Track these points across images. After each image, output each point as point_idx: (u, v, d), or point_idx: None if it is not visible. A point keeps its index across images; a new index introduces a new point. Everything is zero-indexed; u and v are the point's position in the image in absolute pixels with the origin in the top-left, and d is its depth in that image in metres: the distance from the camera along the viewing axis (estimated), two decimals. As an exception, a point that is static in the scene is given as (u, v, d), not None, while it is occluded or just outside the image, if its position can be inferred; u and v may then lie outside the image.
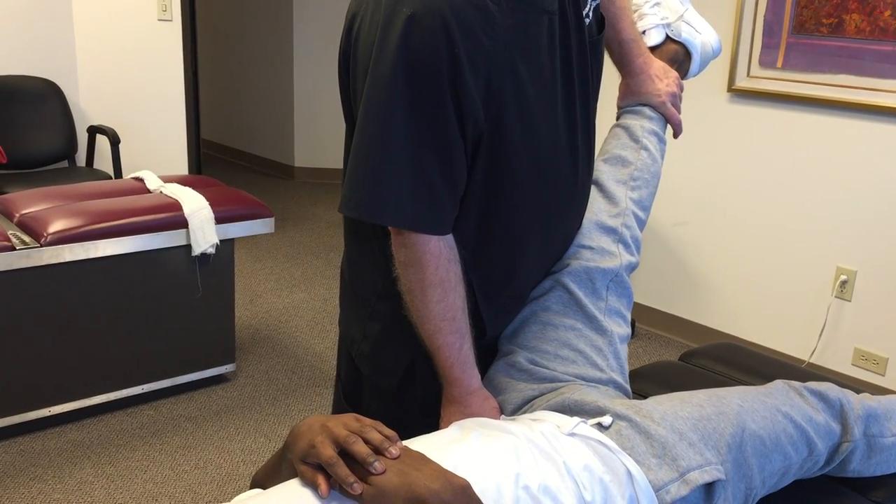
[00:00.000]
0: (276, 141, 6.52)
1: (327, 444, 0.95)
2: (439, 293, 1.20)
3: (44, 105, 4.01)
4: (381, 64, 1.12)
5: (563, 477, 1.05)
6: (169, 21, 4.27)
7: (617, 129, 1.56)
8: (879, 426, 1.39)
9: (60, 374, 2.65)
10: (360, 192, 1.16)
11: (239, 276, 4.26)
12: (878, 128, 2.94)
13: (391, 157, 1.13)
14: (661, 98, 1.56)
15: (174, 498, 2.39)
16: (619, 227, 1.43)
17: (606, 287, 1.37)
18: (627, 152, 1.51)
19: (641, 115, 1.56)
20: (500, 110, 1.18)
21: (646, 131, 1.53)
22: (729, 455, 1.16)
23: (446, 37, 1.09)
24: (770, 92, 3.19)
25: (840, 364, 3.15)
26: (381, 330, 1.34)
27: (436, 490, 0.92)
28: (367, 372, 1.39)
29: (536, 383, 1.29)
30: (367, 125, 1.15)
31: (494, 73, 1.15)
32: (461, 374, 1.25)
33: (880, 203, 2.97)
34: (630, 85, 1.57)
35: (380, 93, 1.12)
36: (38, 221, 2.56)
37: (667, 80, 1.57)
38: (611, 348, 1.34)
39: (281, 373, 3.21)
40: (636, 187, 1.48)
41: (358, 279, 1.38)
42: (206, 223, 2.77)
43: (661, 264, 3.68)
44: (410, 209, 1.15)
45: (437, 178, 1.16)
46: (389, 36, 1.11)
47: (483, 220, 1.26)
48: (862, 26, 2.92)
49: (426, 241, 1.17)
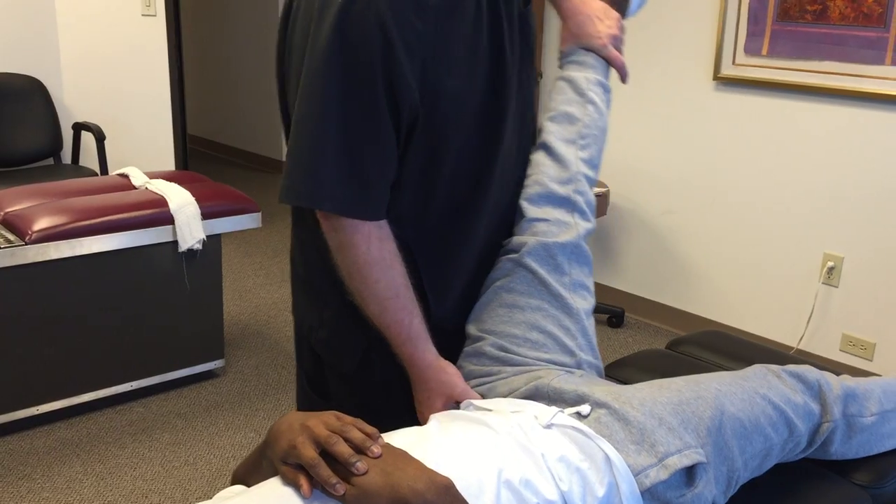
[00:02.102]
0: (262, 135, 6.50)
1: (308, 444, 0.95)
2: (377, 272, 1.21)
3: (28, 102, 3.99)
4: (315, 52, 1.14)
5: (541, 469, 1.05)
6: (153, 16, 4.24)
7: (561, 82, 1.52)
8: (858, 406, 1.40)
9: (48, 372, 2.64)
10: (297, 179, 1.18)
11: (227, 271, 4.25)
12: (863, 114, 2.95)
13: (323, 143, 1.16)
14: (602, 40, 1.50)
15: (164, 495, 2.39)
16: (572, 194, 1.40)
17: (568, 260, 1.36)
18: (573, 108, 1.47)
19: (584, 65, 1.51)
20: (436, 91, 1.20)
21: (591, 83, 1.49)
22: (709, 438, 1.17)
23: (378, 23, 1.11)
24: (756, 79, 3.20)
25: (828, 350, 3.16)
26: (336, 315, 1.35)
27: (419, 490, 0.92)
28: (328, 357, 1.40)
29: (509, 367, 1.29)
30: (302, 113, 1.17)
31: (429, 55, 1.17)
32: (414, 349, 1.26)
33: (866, 189, 2.98)
34: (570, 27, 1.53)
35: (314, 80, 1.15)
36: (23, 219, 2.55)
37: (608, 21, 1.52)
38: (578, 325, 1.33)
39: (270, 368, 3.20)
40: (585, 146, 1.45)
41: (309, 267, 1.39)
42: (192, 219, 2.76)
43: (649, 253, 3.68)
44: (339, 194, 1.17)
45: (367, 163, 1.18)
46: (323, 24, 1.13)
47: (423, 197, 1.27)
48: (846, 13, 2.92)
49: (357, 225, 1.19)
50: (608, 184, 3.71)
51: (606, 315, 3.69)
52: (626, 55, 1.55)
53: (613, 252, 3.82)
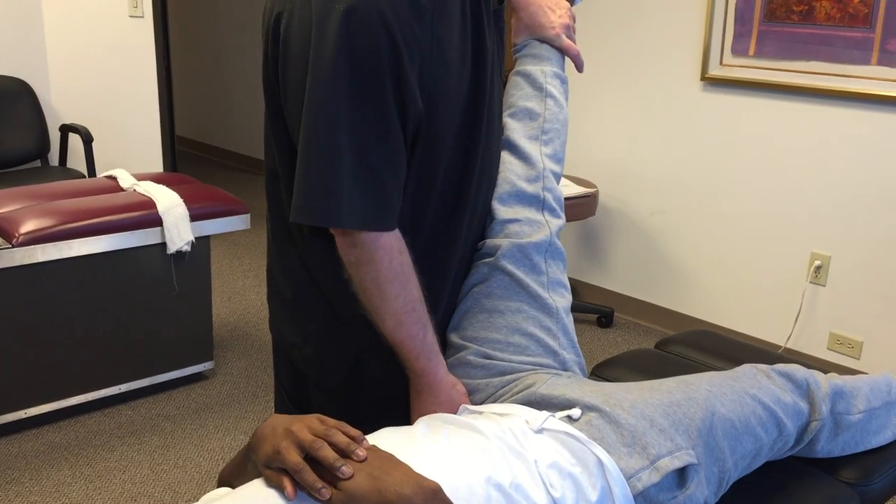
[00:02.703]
0: (251, 137, 6.48)
1: (292, 449, 0.94)
2: (397, 288, 1.18)
3: (15, 104, 3.97)
4: (319, 63, 1.11)
5: (532, 474, 1.04)
6: (140, 17, 4.23)
7: (517, 77, 1.51)
8: (846, 404, 1.40)
9: (36, 375, 2.63)
10: (313, 198, 1.14)
11: (216, 273, 4.24)
12: (849, 114, 2.97)
13: (337, 157, 1.12)
14: (556, 30, 1.50)
15: (154, 498, 2.38)
16: (541, 192, 1.39)
17: (544, 259, 1.35)
18: (533, 103, 1.46)
19: (539, 57, 1.50)
20: (432, 97, 1.19)
21: (547, 76, 1.48)
22: (700, 439, 1.17)
23: (385, 27, 1.09)
24: (743, 80, 3.21)
25: (816, 349, 3.18)
26: (321, 330, 1.31)
27: (407, 495, 0.91)
28: (312, 374, 1.36)
29: (496, 377, 1.28)
30: (312, 128, 1.13)
31: (426, 60, 1.16)
32: (427, 363, 1.24)
33: (853, 188, 3.00)
34: (522, 18, 1.52)
35: (322, 92, 1.11)
36: (10, 222, 2.54)
37: (559, 10, 1.51)
38: (559, 325, 1.33)
39: (259, 370, 3.19)
40: (548, 141, 1.44)
41: (289, 282, 1.35)
42: (180, 221, 2.75)
43: (638, 253, 3.69)
44: (361, 209, 1.13)
45: (384, 175, 1.15)
46: (326, 33, 1.10)
47: (419, 203, 1.25)
48: (832, 13, 2.94)
49: (377, 238, 1.16)
50: (597, 184, 3.72)
51: (596, 315, 3.70)
52: (615, 56, 1.56)
53: (603, 252, 3.83)
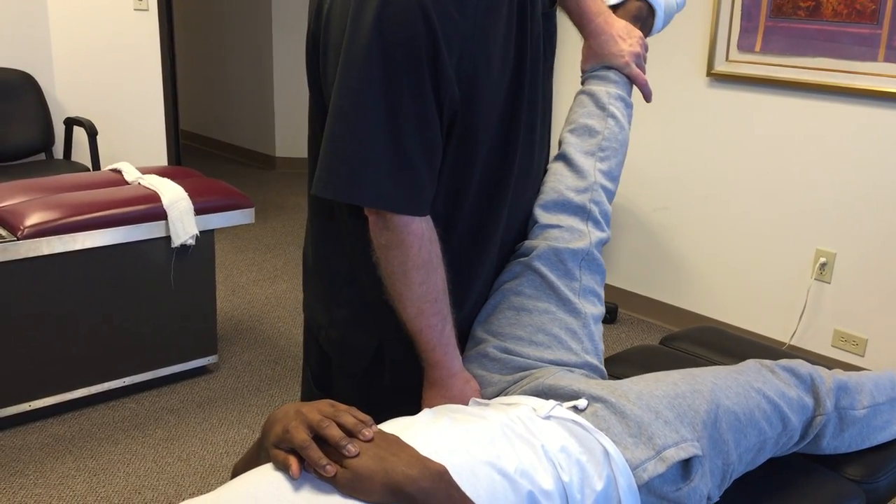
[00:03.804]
0: (256, 131, 6.48)
1: (301, 428, 0.95)
2: (422, 275, 1.18)
3: (19, 97, 3.97)
4: (355, 43, 1.10)
5: (541, 459, 1.05)
6: (145, 11, 4.22)
7: (582, 96, 1.52)
8: (850, 399, 1.40)
9: (41, 368, 2.63)
10: (335, 171, 1.13)
11: (220, 267, 4.24)
12: (855, 110, 2.96)
13: (369, 136, 1.11)
14: (625, 59, 1.50)
15: (157, 490, 2.38)
16: (588, 203, 1.40)
17: (579, 266, 1.36)
18: (594, 121, 1.47)
19: (606, 79, 1.51)
20: (471, 88, 1.18)
21: (612, 97, 1.49)
22: (704, 431, 1.17)
23: (422, 13, 1.09)
24: (749, 76, 3.20)
25: (820, 346, 3.17)
26: (349, 315, 1.33)
27: (414, 476, 0.92)
28: (336, 357, 1.38)
29: (510, 373, 1.28)
30: (342, 105, 1.12)
31: (466, 51, 1.15)
32: (443, 356, 1.24)
33: (859, 185, 2.99)
34: (592, 47, 1.53)
35: (355, 72, 1.11)
36: (15, 215, 2.54)
37: (630, 39, 1.51)
38: (585, 330, 1.33)
39: (263, 363, 3.20)
40: (604, 158, 1.44)
41: (323, 264, 1.37)
42: (185, 214, 2.75)
43: (642, 249, 3.69)
44: (391, 190, 1.13)
45: (416, 158, 1.14)
46: (364, 14, 1.10)
47: (454, 198, 1.25)
48: (839, 9, 2.93)
49: (408, 223, 1.15)
50: (601, 180, 3.71)
51: (599, 311, 3.70)
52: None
53: (607, 248, 3.83)
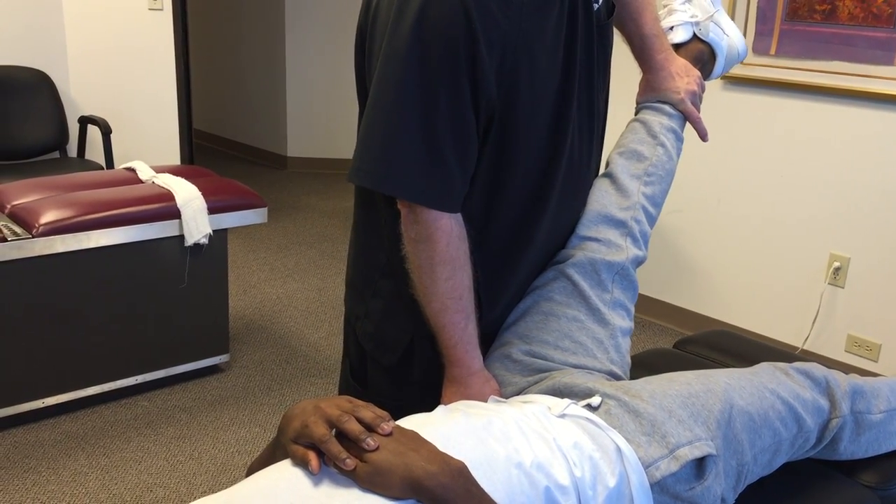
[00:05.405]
0: (268, 131, 6.50)
1: (320, 423, 0.95)
2: (448, 271, 1.20)
3: (34, 96, 3.99)
4: (396, 39, 1.12)
5: (554, 453, 1.05)
6: (160, 10, 4.24)
7: (635, 123, 1.56)
8: (866, 403, 1.40)
9: (54, 365, 2.64)
10: (370, 160, 1.16)
11: (232, 266, 4.25)
12: (870, 114, 2.94)
13: (404, 129, 1.13)
14: (681, 96, 1.53)
15: (169, 488, 2.39)
16: (629, 220, 1.42)
17: (612, 280, 1.37)
18: (644, 147, 1.50)
19: (660, 111, 1.54)
20: (511, 90, 1.18)
21: (664, 128, 1.52)
22: (718, 431, 1.17)
23: (464, 12, 1.10)
24: (763, 79, 3.19)
25: (833, 351, 3.16)
26: (383, 307, 1.35)
27: (433, 472, 0.92)
28: (370, 349, 1.39)
29: (531, 375, 1.28)
30: (380, 97, 1.15)
31: (508, 52, 1.16)
32: (464, 354, 1.25)
33: (873, 190, 2.97)
34: (650, 81, 1.56)
35: (394, 67, 1.13)
36: (30, 212, 2.55)
37: (688, 78, 1.55)
38: (612, 341, 1.33)
39: (275, 363, 3.20)
40: (650, 182, 1.47)
41: (362, 254, 1.39)
42: (198, 213, 2.76)
43: (656, 252, 3.68)
44: (422, 184, 1.15)
45: (449, 154, 1.16)
46: (407, 12, 1.12)
47: (490, 199, 1.26)
48: (855, 13, 2.91)
49: (437, 218, 1.17)
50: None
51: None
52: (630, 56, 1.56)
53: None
